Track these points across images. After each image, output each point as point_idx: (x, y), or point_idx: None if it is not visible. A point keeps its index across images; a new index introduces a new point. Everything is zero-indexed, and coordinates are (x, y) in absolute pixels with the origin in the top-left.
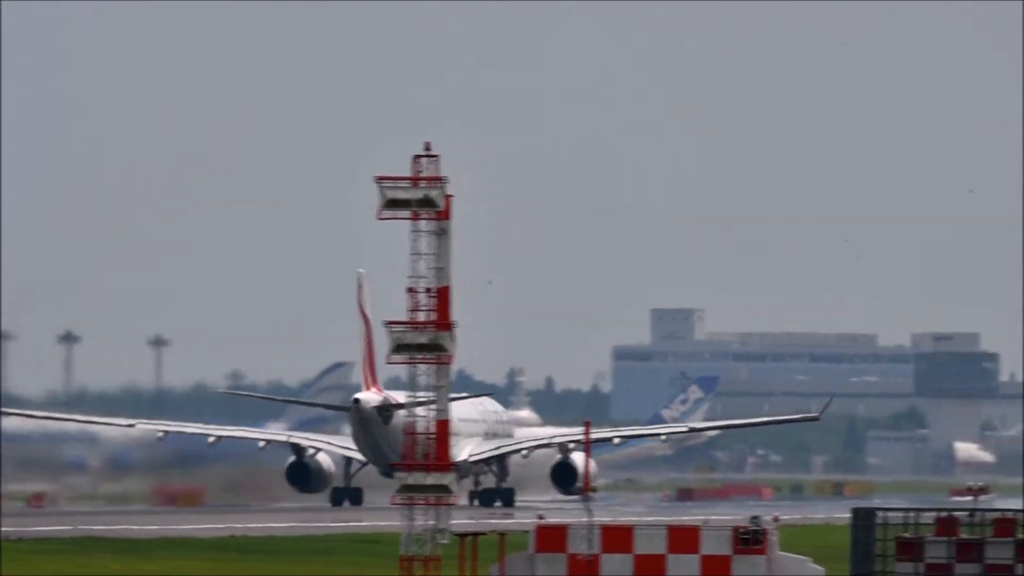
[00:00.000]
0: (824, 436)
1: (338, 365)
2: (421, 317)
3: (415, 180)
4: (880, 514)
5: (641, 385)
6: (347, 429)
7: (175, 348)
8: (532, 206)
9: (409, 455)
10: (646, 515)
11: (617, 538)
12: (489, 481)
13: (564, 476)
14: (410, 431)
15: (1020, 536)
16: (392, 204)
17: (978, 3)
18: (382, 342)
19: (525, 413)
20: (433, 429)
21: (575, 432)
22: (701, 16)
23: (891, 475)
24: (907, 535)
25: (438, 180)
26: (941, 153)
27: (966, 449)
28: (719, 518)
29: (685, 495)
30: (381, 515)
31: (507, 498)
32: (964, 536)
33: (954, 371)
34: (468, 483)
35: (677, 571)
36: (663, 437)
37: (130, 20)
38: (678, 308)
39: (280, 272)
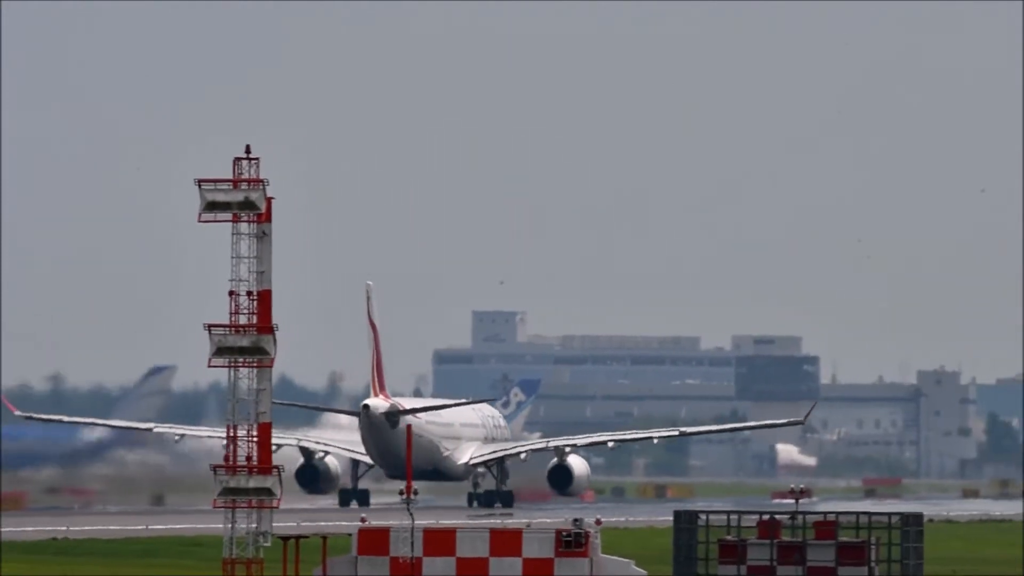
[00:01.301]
0: (646, 440)
1: (158, 369)
2: (243, 320)
3: (236, 183)
4: (702, 516)
5: (463, 388)
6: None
7: None
8: (352, 209)
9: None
10: (469, 518)
11: (439, 541)
12: (488, 483)
13: (560, 479)
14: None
15: (841, 538)
16: (212, 207)
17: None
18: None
19: (344, 419)
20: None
21: (573, 437)
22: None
23: (713, 477)
24: (729, 537)
25: (259, 183)
26: (770, 154)
27: (787, 452)
28: (542, 521)
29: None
30: (207, 517)
31: (506, 500)
32: (786, 538)
33: (775, 374)
34: (467, 485)
35: (500, 574)
36: (655, 440)
37: None
38: (499, 311)
39: (101, 275)
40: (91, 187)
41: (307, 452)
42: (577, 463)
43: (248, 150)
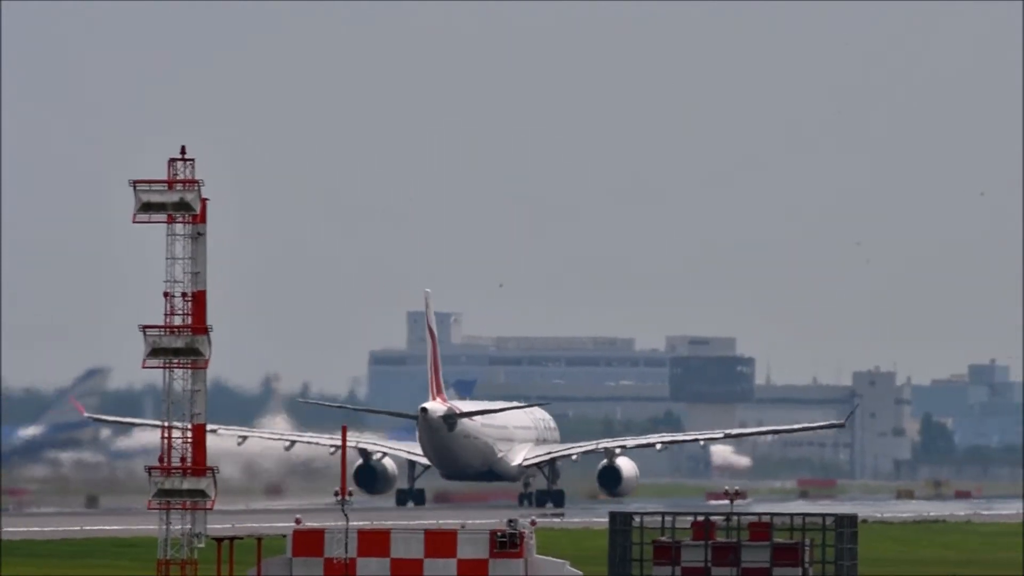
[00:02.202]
0: (580, 440)
1: (93, 372)
2: (177, 321)
3: (171, 184)
4: (637, 518)
5: (398, 389)
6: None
7: None
8: (288, 210)
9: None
10: (403, 519)
11: (374, 542)
12: (539, 483)
13: (609, 479)
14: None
15: (776, 539)
16: (147, 208)
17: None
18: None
19: (279, 419)
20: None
21: (623, 439)
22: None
23: (648, 479)
24: (664, 539)
25: (194, 184)
26: (678, 156)
27: (722, 453)
28: (477, 522)
29: (442, 498)
30: (142, 519)
31: (558, 499)
32: (720, 539)
33: (710, 375)
34: (518, 486)
35: (434, 575)
36: (702, 443)
37: None
38: (434, 311)
39: (36, 276)
40: (24, 188)
41: (365, 453)
42: (626, 464)
43: (183, 151)
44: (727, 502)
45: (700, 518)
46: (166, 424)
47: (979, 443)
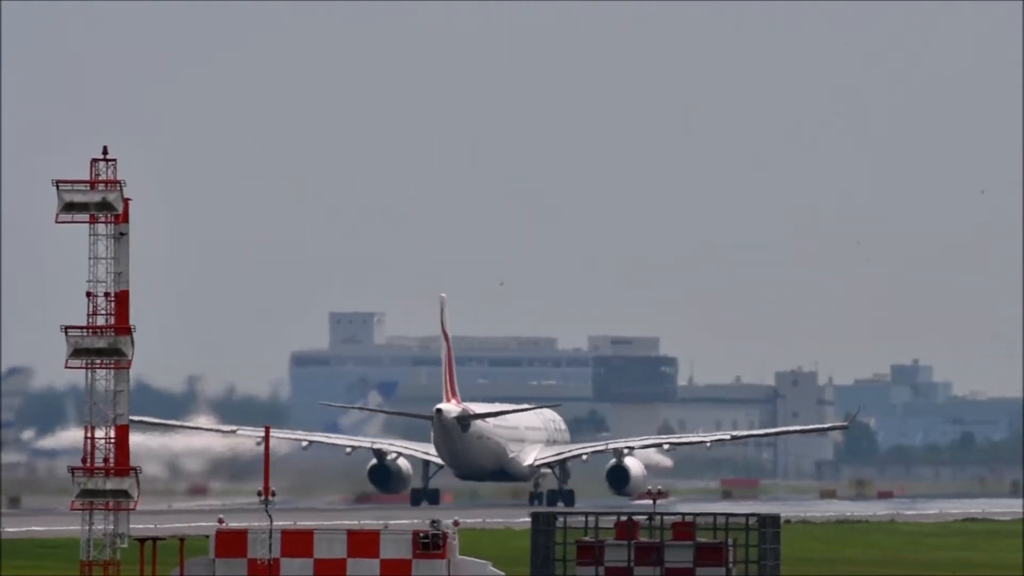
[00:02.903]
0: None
1: (14, 371)
2: (100, 321)
3: (93, 184)
4: (560, 518)
5: (320, 391)
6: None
7: None
8: (210, 210)
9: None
10: (327, 520)
11: (297, 542)
12: (549, 483)
13: (618, 479)
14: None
15: (699, 539)
16: (70, 208)
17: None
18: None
19: (203, 420)
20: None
21: (630, 440)
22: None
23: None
24: (587, 539)
25: (116, 184)
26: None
27: (645, 453)
28: (400, 523)
29: (364, 499)
30: (65, 519)
31: (568, 499)
32: (643, 539)
33: (633, 375)
34: (528, 486)
35: (357, 575)
36: (708, 444)
37: None
38: (356, 312)
39: None
40: None
41: (380, 453)
42: (634, 464)
43: (105, 151)
44: (650, 502)
45: (623, 518)
46: (88, 425)
47: (902, 443)
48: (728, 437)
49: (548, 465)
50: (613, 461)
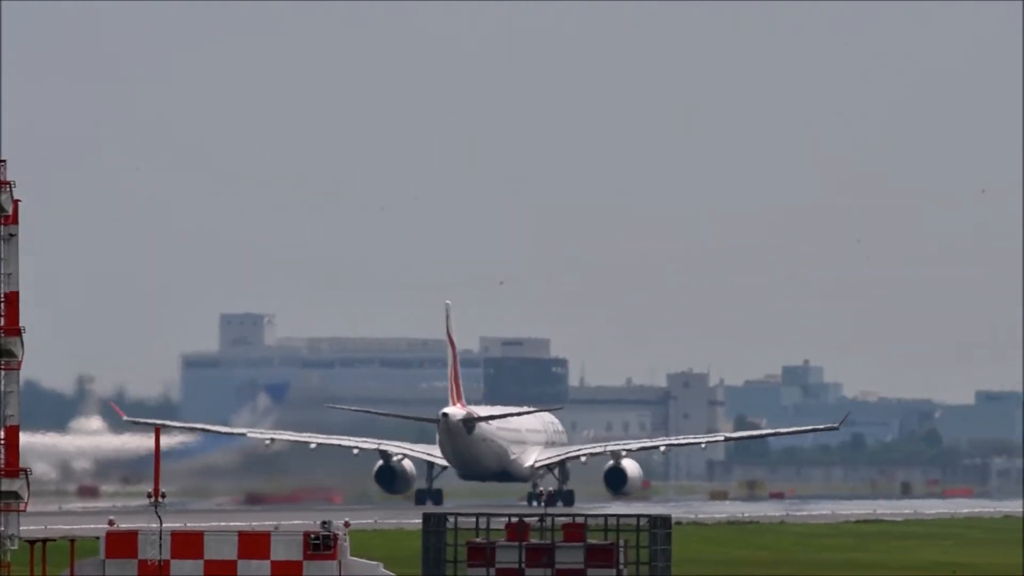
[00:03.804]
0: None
1: None
2: None
3: None
4: (451, 519)
5: (211, 392)
6: None
7: None
8: (100, 208)
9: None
10: (217, 520)
11: (187, 544)
12: (549, 483)
13: (615, 480)
14: None
15: (590, 540)
16: None
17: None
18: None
19: (93, 421)
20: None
21: (628, 442)
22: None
23: (464, 481)
24: (478, 540)
25: (5, 184)
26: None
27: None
28: (291, 523)
29: (255, 500)
30: None
31: (568, 499)
32: (534, 541)
33: (524, 376)
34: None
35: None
36: (703, 445)
37: None
38: (247, 313)
39: None
40: None
41: (386, 455)
42: (631, 466)
43: None
44: (542, 503)
45: (514, 519)
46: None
47: (792, 444)
48: (723, 438)
49: (548, 466)
50: (611, 463)
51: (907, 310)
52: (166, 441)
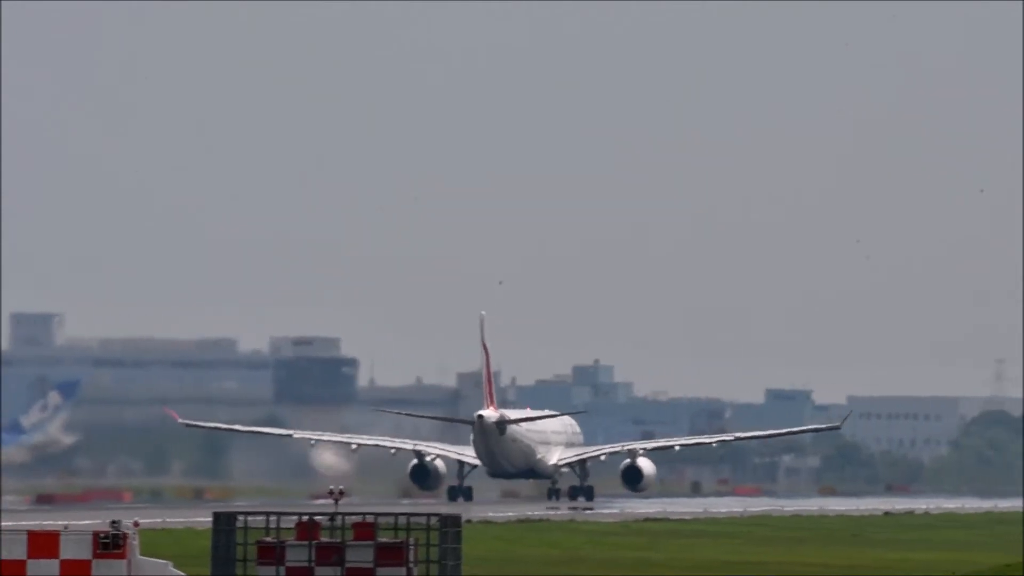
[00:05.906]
0: (184, 442)
1: None
2: None
3: None
4: (241, 518)
5: (2, 391)
6: None
7: None
8: None
9: None
10: (6, 520)
11: None
12: (570, 480)
13: (632, 477)
14: None
15: (380, 539)
16: None
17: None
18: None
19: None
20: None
21: (643, 442)
22: None
23: (253, 481)
24: (268, 539)
25: None
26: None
27: (321, 455)
28: (80, 523)
29: (45, 500)
30: None
31: (588, 494)
32: (324, 539)
33: (314, 377)
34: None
35: (37, 575)
36: (714, 443)
37: None
38: (37, 312)
39: None
40: None
41: (420, 454)
42: (646, 464)
43: None
44: (332, 502)
45: (304, 518)
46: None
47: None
48: (715, 443)
49: (569, 464)
50: (628, 461)
51: (696, 309)
52: None
